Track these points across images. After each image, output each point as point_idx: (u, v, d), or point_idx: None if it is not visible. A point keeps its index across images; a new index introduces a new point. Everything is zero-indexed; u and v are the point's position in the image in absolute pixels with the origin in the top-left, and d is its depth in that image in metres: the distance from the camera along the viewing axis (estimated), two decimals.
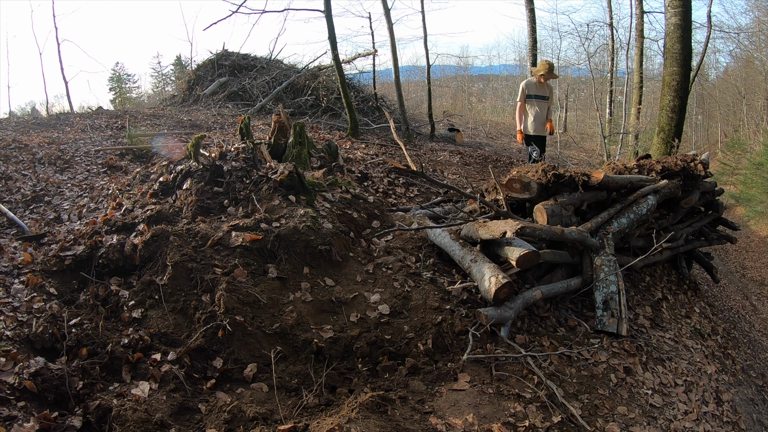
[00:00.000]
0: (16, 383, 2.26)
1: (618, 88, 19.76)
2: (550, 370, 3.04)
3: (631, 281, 4.65)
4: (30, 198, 4.92)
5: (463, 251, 3.61)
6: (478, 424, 2.41)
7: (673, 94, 8.26)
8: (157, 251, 3.38)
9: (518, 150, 14.68)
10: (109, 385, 2.48)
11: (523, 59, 32.06)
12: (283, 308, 3.13)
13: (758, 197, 17.83)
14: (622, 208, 4.43)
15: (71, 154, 6.33)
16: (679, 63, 8.16)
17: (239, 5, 8.36)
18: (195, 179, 4.23)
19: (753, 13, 24.96)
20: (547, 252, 3.76)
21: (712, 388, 3.78)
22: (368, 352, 2.94)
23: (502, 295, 3.17)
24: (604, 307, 3.70)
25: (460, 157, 9.70)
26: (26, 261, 3.45)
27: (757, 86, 25.59)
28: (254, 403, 2.49)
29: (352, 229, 4.03)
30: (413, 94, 25.33)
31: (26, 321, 2.79)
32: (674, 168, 5.06)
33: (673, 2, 8.11)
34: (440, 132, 13.11)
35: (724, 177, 20.46)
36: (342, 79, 9.63)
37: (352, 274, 3.61)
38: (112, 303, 3.11)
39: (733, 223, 6.64)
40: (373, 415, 2.30)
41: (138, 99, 29.93)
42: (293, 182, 4.09)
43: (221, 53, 14.03)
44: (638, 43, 16.75)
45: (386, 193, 5.71)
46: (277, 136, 4.84)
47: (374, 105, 12.84)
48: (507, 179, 4.22)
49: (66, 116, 9.48)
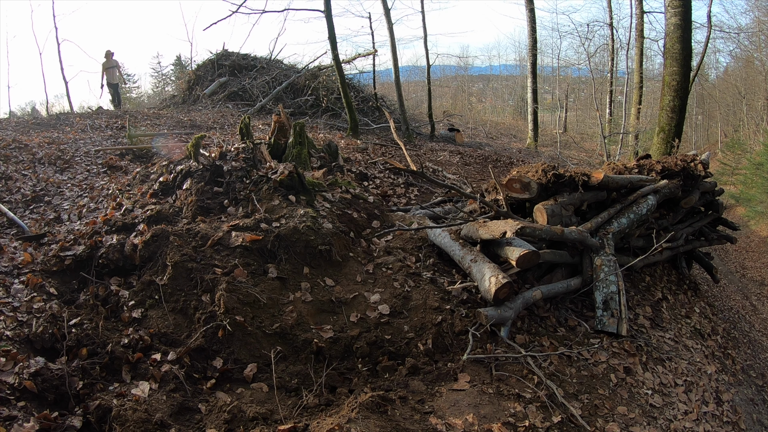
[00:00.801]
0: (16, 383, 2.26)
1: (618, 88, 19.76)
2: (550, 370, 3.04)
3: (631, 281, 4.65)
4: (30, 198, 4.92)
5: (463, 251, 3.61)
6: (478, 424, 2.41)
7: (673, 94, 8.26)
8: (157, 251, 3.37)
9: (518, 150, 14.69)
10: (109, 385, 2.48)
11: (523, 59, 32.09)
12: (283, 308, 3.13)
13: (758, 197, 17.82)
14: (622, 208, 4.42)
15: (71, 154, 6.33)
16: (679, 63, 8.17)
17: (239, 5, 8.37)
18: (195, 179, 4.23)
19: (753, 13, 24.98)
20: (547, 252, 3.76)
21: (712, 388, 3.78)
22: (368, 352, 2.94)
23: (502, 295, 3.18)
24: (604, 307, 3.69)
25: (460, 157, 9.70)
26: (26, 261, 3.45)
27: (757, 86, 25.58)
28: (254, 403, 2.49)
29: (352, 229, 4.03)
30: (413, 94, 25.34)
31: (26, 321, 2.79)
32: (674, 168, 5.06)
33: (673, 2, 8.12)
34: (440, 132, 13.12)
35: (724, 177, 20.46)
36: (342, 79, 9.63)
37: (352, 274, 3.60)
38: (112, 303, 3.11)
39: (733, 223, 6.64)
40: (373, 415, 2.30)
41: (138, 99, 29.91)
42: (293, 182, 4.09)
43: (221, 53, 14.04)
44: (638, 43, 16.76)
45: (386, 193, 5.71)
46: (277, 136, 4.84)
47: (374, 105, 12.84)
48: (507, 179, 4.22)
49: (66, 116, 9.48)
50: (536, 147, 15.83)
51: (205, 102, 12.20)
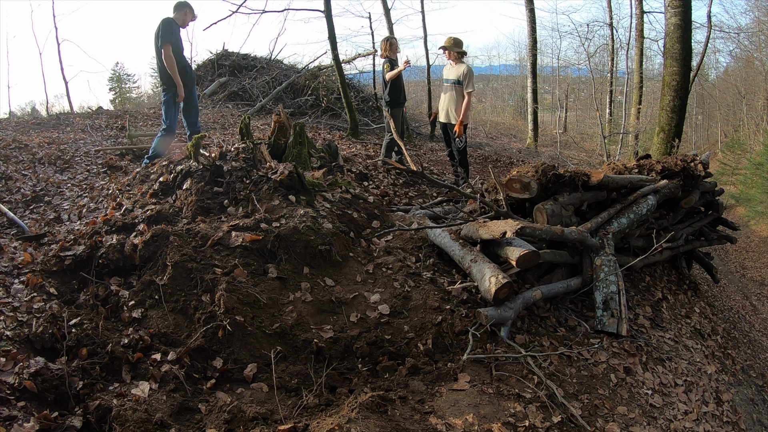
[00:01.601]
0: (16, 383, 2.26)
1: (618, 88, 19.78)
2: (550, 370, 3.04)
3: (631, 281, 4.65)
4: (30, 198, 4.92)
5: (463, 251, 3.61)
6: (478, 424, 2.41)
7: (673, 94, 8.27)
8: (157, 251, 3.37)
9: (518, 150, 14.70)
10: (109, 385, 2.48)
11: (523, 59, 32.08)
12: (283, 308, 3.13)
13: (758, 197, 17.85)
14: (622, 208, 4.43)
15: (71, 154, 6.33)
16: (679, 63, 8.17)
17: (239, 5, 8.38)
18: (195, 179, 4.23)
19: (753, 13, 25.03)
20: (547, 252, 3.76)
21: (712, 388, 3.78)
22: (368, 352, 2.94)
23: (502, 295, 3.18)
24: (604, 307, 3.70)
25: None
26: (26, 261, 3.45)
27: (757, 86, 25.61)
28: (254, 403, 2.49)
29: (352, 229, 4.03)
30: (413, 94, 25.30)
31: (26, 321, 2.79)
32: (674, 168, 5.06)
33: (673, 2, 8.12)
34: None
35: (724, 177, 20.49)
36: (342, 79, 9.64)
37: (352, 274, 3.61)
38: (112, 303, 3.11)
39: (733, 223, 6.64)
40: (373, 415, 2.30)
41: (138, 99, 29.89)
42: (293, 182, 4.09)
43: (221, 53, 14.03)
44: (638, 43, 16.78)
45: (386, 193, 5.71)
46: (277, 136, 4.84)
47: (374, 105, 12.84)
48: (507, 179, 4.22)
49: (66, 116, 9.48)
50: (536, 147, 15.83)
51: (205, 102, 12.19)
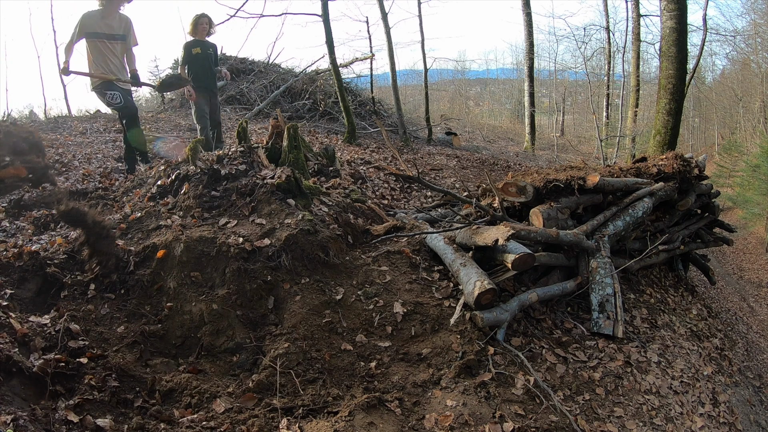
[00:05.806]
0: None
1: (615, 92, 19.89)
2: (545, 372, 3.05)
3: (627, 283, 4.67)
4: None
5: (455, 255, 3.61)
6: (474, 425, 2.42)
7: (670, 96, 8.31)
8: (154, 255, 3.38)
9: (515, 154, 14.74)
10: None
11: (520, 63, 32.25)
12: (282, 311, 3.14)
13: (755, 199, 17.92)
14: (617, 210, 4.45)
15: (69, 157, 6.33)
16: (676, 66, 8.21)
17: (237, 9, 8.42)
18: (192, 183, 4.24)
19: (749, 16, 25.18)
20: (543, 255, 3.78)
21: (708, 390, 3.79)
22: (365, 354, 2.95)
23: (485, 301, 3.14)
24: (600, 310, 3.71)
25: (457, 161, 9.73)
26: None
27: (753, 89, 25.73)
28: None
29: (350, 233, 4.04)
30: (411, 98, 25.39)
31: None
32: (670, 170, 5.09)
33: (668, 6, 8.17)
34: (437, 136, 13.14)
35: (720, 179, 20.59)
36: (339, 83, 9.67)
37: (350, 276, 3.62)
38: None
39: (729, 225, 6.67)
40: (370, 416, 2.31)
41: (136, 102, 29.84)
42: (290, 186, 4.10)
43: (219, 57, 14.03)
44: (635, 47, 16.88)
45: (383, 197, 5.73)
46: (275, 140, 4.85)
47: (372, 109, 12.87)
48: (503, 183, 4.24)
49: (64, 119, 9.48)
50: (533, 150, 15.87)
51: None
